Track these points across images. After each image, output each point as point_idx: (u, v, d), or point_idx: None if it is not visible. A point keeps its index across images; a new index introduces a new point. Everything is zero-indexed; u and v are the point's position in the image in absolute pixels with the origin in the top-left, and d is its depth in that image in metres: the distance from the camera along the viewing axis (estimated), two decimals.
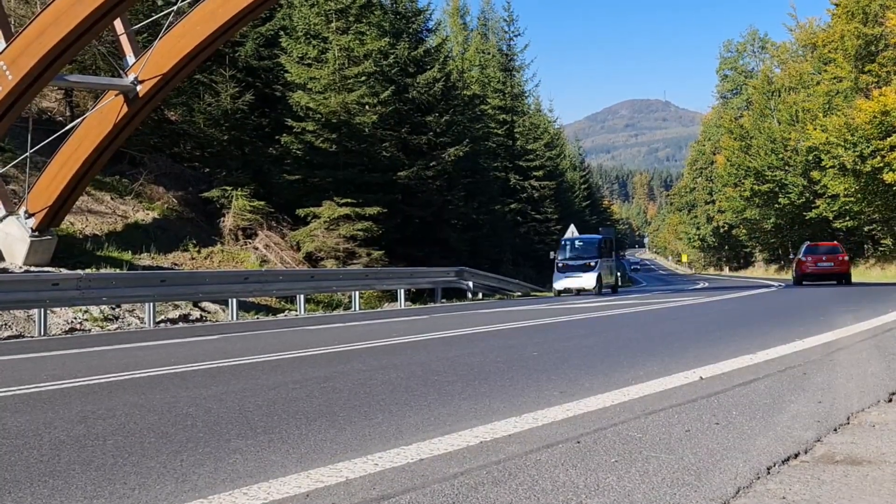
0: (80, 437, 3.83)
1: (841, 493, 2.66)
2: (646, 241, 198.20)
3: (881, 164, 36.11)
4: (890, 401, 4.30)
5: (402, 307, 19.54)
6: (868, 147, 36.76)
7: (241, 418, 4.21)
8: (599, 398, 4.45)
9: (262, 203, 22.81)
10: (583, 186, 72.17)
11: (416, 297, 22.33)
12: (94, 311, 14.15)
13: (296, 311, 17.63)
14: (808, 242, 32.05)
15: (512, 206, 40.27)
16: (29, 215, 15.93)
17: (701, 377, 5.11)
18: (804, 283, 27.56)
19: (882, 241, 45.78)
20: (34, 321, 12.72)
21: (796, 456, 3.15)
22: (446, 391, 4.97)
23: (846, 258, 28.41)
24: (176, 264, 19.04)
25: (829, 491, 2.69)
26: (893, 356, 6.09)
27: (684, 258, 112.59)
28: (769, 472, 2.92)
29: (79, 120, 16.78)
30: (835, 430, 3.61)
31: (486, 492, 2.71)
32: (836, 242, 33.00)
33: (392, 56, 27.70)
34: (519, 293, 26.15)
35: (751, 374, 5.28)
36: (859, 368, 5.52)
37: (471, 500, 2.63)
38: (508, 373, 5.84)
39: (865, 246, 50.28)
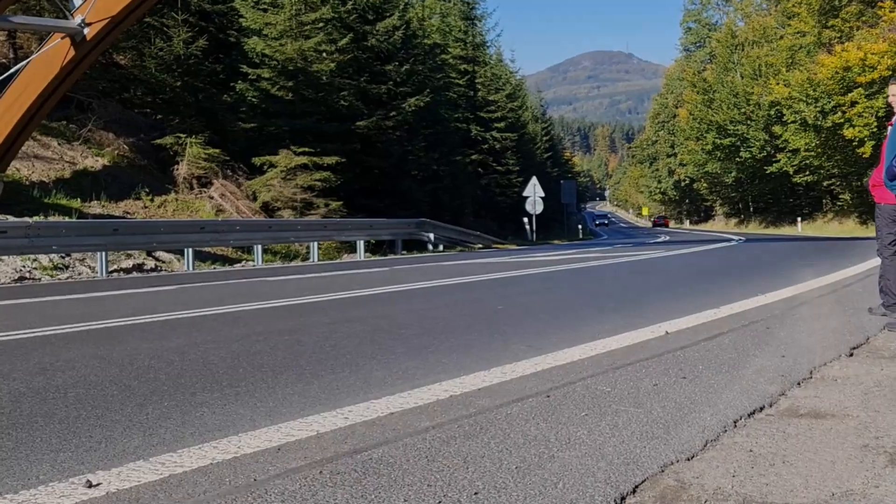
0: (40, 389, 3.73)
1: (805, 446, 2.71)
2: (606, 193, 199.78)
3: (842, 120, 36.44)
4: (851, 355, 4.40)
5: (362, 258, 19.45)
6: (829, 102, 37.10)
7: (206, 371, 4.14)
8: (567, 352, 4.47)
9: (217, 151, 22.24)
10: (544, 138, 71.84)
11: (375, 248, 22.16)
12: (44, 259, 13.77)
13: (253, 261, 17.42)
14: (660, 215, 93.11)
15: (473, 157, 40.03)
16: None
17: (667, 332, 5.18)
18: (655, 226, 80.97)
19: (840, 196, 46.61)
20: None
21: (761, 409, 3.21)
22: (413, 344, 4.95)
23: (668, 221, 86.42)
24: (128, 213, 18.57)
25: (795, 444, 2.74)
26: (853, 311, 6.23)
27: (645, 211, 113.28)
28: (736, 426, 2.97)
29: (23, 63, 16.07)
30: (798, 384, 3.68)
31: (458, 445, 2.71)
32: (665, 216, 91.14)
33: (350, 2, 26.99)
34: (480, 245, 26.16)
35: (715, 328, 5.36)
36: (820, 323, 5.64)
37: (443, 453, 2.62)
38: (475, 326, 5.84)
39: (824, 201, 51.16)
